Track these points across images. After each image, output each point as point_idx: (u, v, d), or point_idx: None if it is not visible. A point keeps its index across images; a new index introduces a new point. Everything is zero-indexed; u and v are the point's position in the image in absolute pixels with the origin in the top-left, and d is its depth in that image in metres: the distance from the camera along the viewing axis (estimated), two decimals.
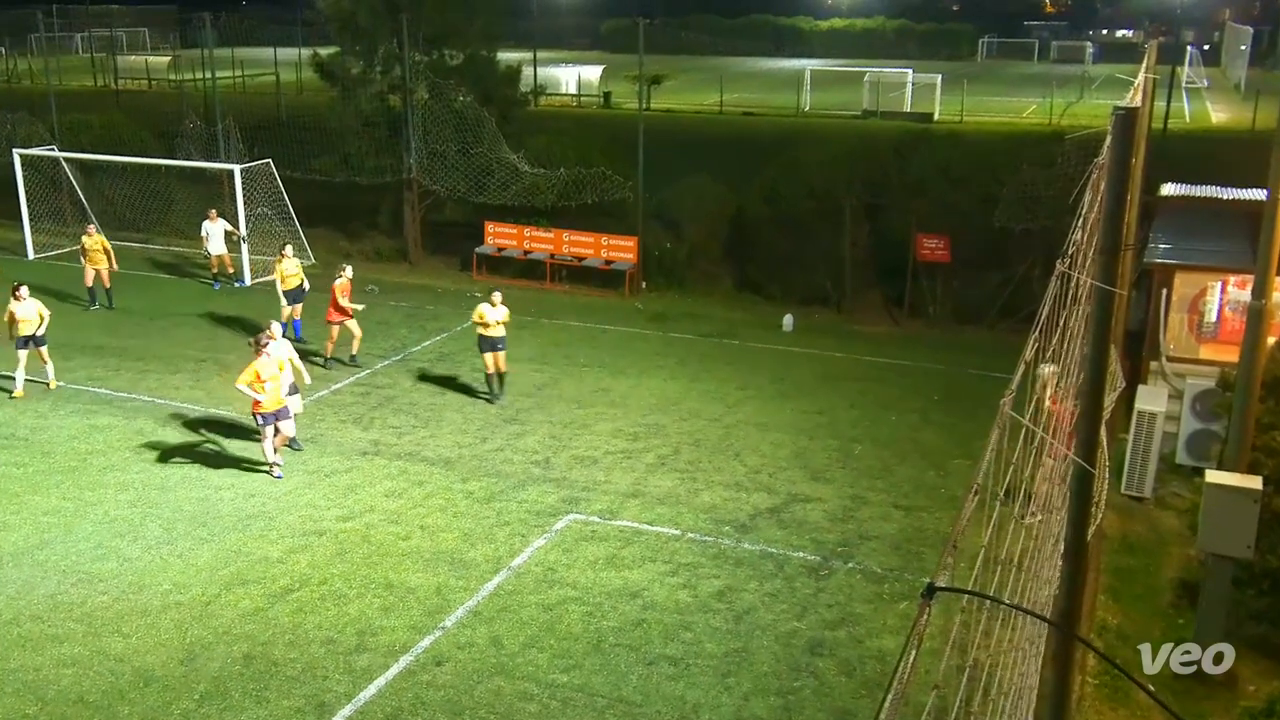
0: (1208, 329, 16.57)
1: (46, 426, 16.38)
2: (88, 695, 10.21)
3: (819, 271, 22.87)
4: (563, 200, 24.55)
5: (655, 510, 13.86)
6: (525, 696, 10.21)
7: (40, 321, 17.33)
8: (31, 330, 17.26)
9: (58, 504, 13.96)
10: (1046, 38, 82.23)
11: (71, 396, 17.53)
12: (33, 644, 10.98)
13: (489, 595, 11.88)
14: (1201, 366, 15.59)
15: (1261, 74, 53.55)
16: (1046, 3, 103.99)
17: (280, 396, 14.59)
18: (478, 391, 17.80)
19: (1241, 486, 10.04)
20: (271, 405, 14.42)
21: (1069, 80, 52.65)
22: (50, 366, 17.78)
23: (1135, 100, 8.65)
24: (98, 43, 64.99)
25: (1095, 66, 66.42)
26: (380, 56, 26.28)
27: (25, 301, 17.28)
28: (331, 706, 10.05)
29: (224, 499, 14.13)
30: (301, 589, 12.00)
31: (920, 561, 12.69)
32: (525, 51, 47.95)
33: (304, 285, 20.11)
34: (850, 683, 10.47)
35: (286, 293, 19.88)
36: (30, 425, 16.42)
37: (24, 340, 17.25)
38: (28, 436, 16.02)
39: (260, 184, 25.41)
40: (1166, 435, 14.42)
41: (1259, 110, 38.08)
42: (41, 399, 17.43)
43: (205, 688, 10.32)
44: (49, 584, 12.09)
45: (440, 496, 14.23)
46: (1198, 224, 16.74)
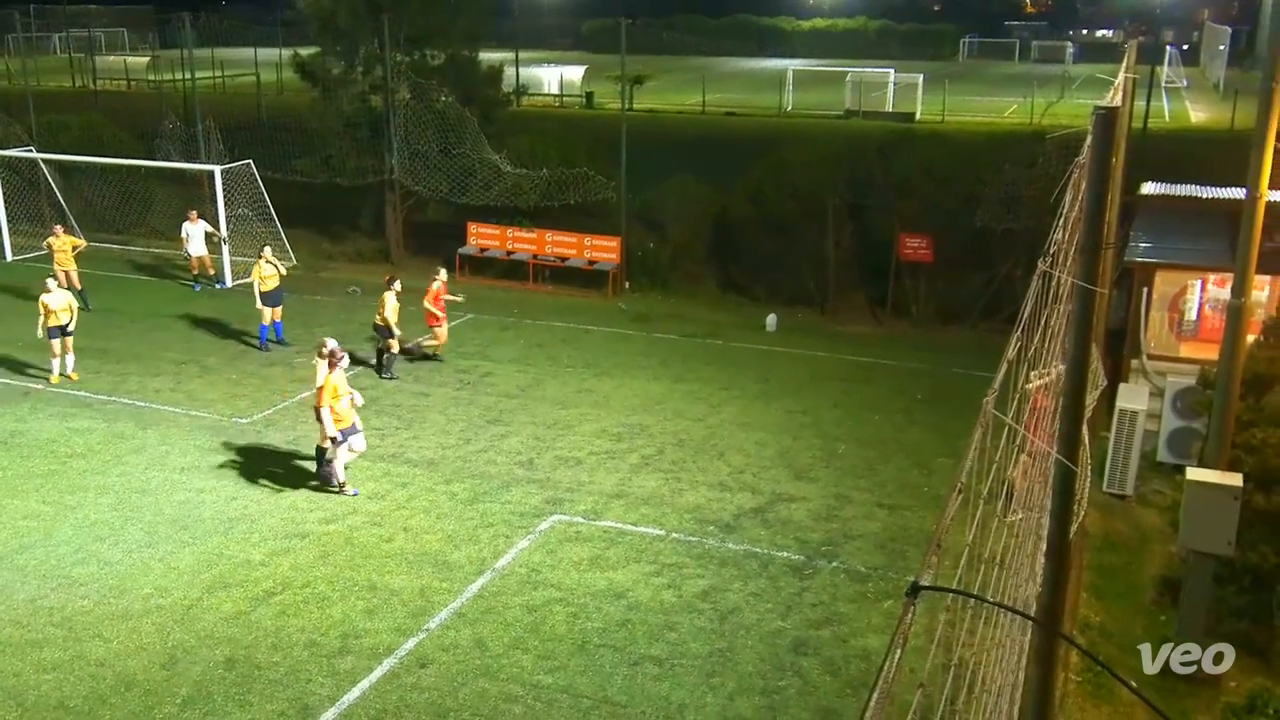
0: (1188, 327, 16.68)
1: (25, 430, 16.27)
2: (69, 700, 10.15)
3: (803, 272, 22.93)
4: (545, 201, 24.55)
5: (639, 510, 13.87)
6: (510, 698, 10.21)
7: (71, 313, 18.04)
8: (62, 321, 17.90)
9: (37, 508, 13.87)
10: (1027, 38, 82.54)
11: (51, 399, 17.43)
12: (13, 649, 10.92)
13: (473, 597, 11.87)
14: (1182, 364, 15.69)
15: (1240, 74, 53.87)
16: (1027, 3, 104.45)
17: (348, 411, 14.13)
18: (460, 391, 17.81)
19: (1222, 484, 10.12)
20: (346, 421, 14.05)
21: (1050, 80, 52.90)
22: (71, 358, 18.22)
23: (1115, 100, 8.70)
24: (75, 43, 64.53)
25: (1076, 66, 66.69)
26: (361, 57, 26.22)
27: (56, 293, 18.03)
28: (315, 709, 10.02)
29: (205, 502, 14.06)
30: (284, 592, 11.96)
31: (904, 560, 12.73)
32: (507, 51, 47.86)
33: (282, 287, 20.06)
34: (835, 682, 10.50)
35: (265, 294, 19.78)
36: (9, 429, 16.30)
37: (56, 330, 17.91)
38: (6, 440, 15.90)
39: (241, 185, 25.30)
40: (1148, 433, 14.51)
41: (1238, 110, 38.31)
42: (20, 402, 17.32)
43: (187, 692, 10.28)
44: (29, 588, 12.01)
45: (423, 498, 14.20)
46: (1178, 223, 16.85)
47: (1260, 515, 10.92)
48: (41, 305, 17.87)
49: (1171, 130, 39.64)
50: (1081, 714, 10.02)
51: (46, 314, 17.83)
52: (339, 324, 21.57)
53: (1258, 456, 11.45)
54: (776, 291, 23.14)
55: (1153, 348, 16.16)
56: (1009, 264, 20.76)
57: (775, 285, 23.20)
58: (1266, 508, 10.96)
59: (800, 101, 50.03)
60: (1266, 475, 11.18)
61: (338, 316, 22.14)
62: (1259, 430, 11.83)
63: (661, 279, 24.31)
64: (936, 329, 21.72)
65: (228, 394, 17.86)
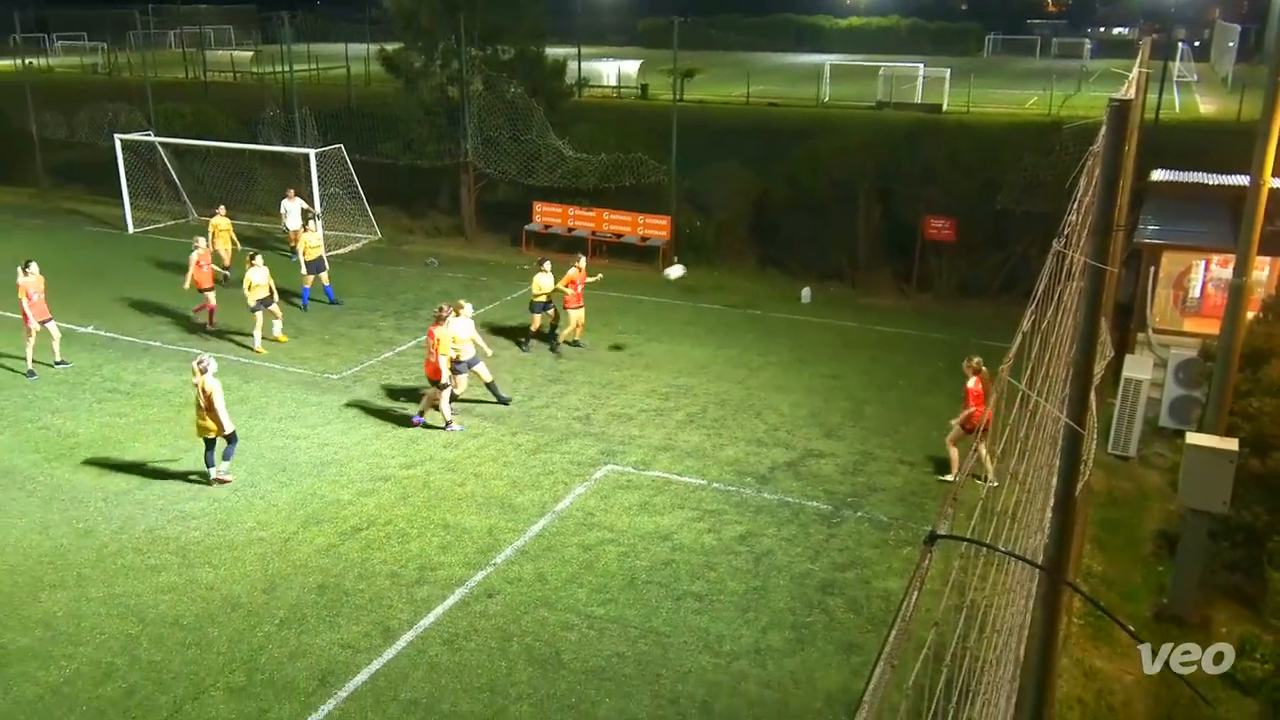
0: (1191, 304, 16.32)
1: (145, 382, 16.64)
2: (182, 618, 10.43)
3: (835, 249, 22.67)
4: (603, 182, 24.48)
5: (684, 462, 13.89)
6: (567, 626, 10.32)
7: (270, 288, 17.95)
8: (264, 294, 17.82)
9: (155, 450, 14.20)
10: (1048, 35, 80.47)
11: (168, 355, 17.78)
12: (134, 573, 11.23)
13: (534, 536, 11.98)
14: (1185, 338, 15.37)
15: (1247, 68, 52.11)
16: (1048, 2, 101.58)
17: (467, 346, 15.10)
18: (529, 352, 17.91)
19: (1219, 448, 9.92)
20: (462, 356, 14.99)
21: (1068, 74, 51.58)
22: (278, 323, 18.36)
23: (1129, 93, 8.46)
24: (188, 39, 65.20)
25: (1093, 62, 64.93)
26: (440, 51, 26.21)
27: (260, 269, 17.84)
28: (395, 632, 10.21)
29: (300, 447, 14.30)
30: (369, 528, 12.16)
31: (923, 511, 12.65)
32: (570, 47, 47.60)
33: (323, 256, 20.48)
34: (858, 619, 10.49)
35: (309, 263, 20.11)
36: (131, 380, 16.68)
37: (260, 303, 17.81)
38: (129, 390, 16.28)
39: (333, 166, 25.50)
40: (1151, 400, 14.25)
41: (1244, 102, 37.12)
42: (141, 357, 17.68)
43: (284, 613, 10.51)
44: (148, 520, 12.33)
45: (492, 448, 14.33)
46: (1184, 207, 16.44)
47: (1255, 478, 10.72)
48: (247, 281, 17.66)
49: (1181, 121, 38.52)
50: (1083, 654, 9.93)
51: (251, 289, 17.63)
52: (418, 291, 21.78)
53: (1254, 424, 11.22)
54: (811, 267, 22.91)
55: (1158, 322, 15.84)
56: (1025, 244, 20.39)
57: (810, 261, 22.98)
58: (1261, 471, 10.75)
59: (836, 93, 49.27)
60: (1262, 441, 10.96)
61: (416, 285, 22.31)
62: (1255, 399, 11.58)
63: (707, 254, 24.16)
64: (957, 303, 21.41)
65: (320, 353, 18.10)
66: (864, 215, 22.37)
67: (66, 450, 14.15)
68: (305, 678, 9.50)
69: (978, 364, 13.14)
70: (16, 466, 13.69)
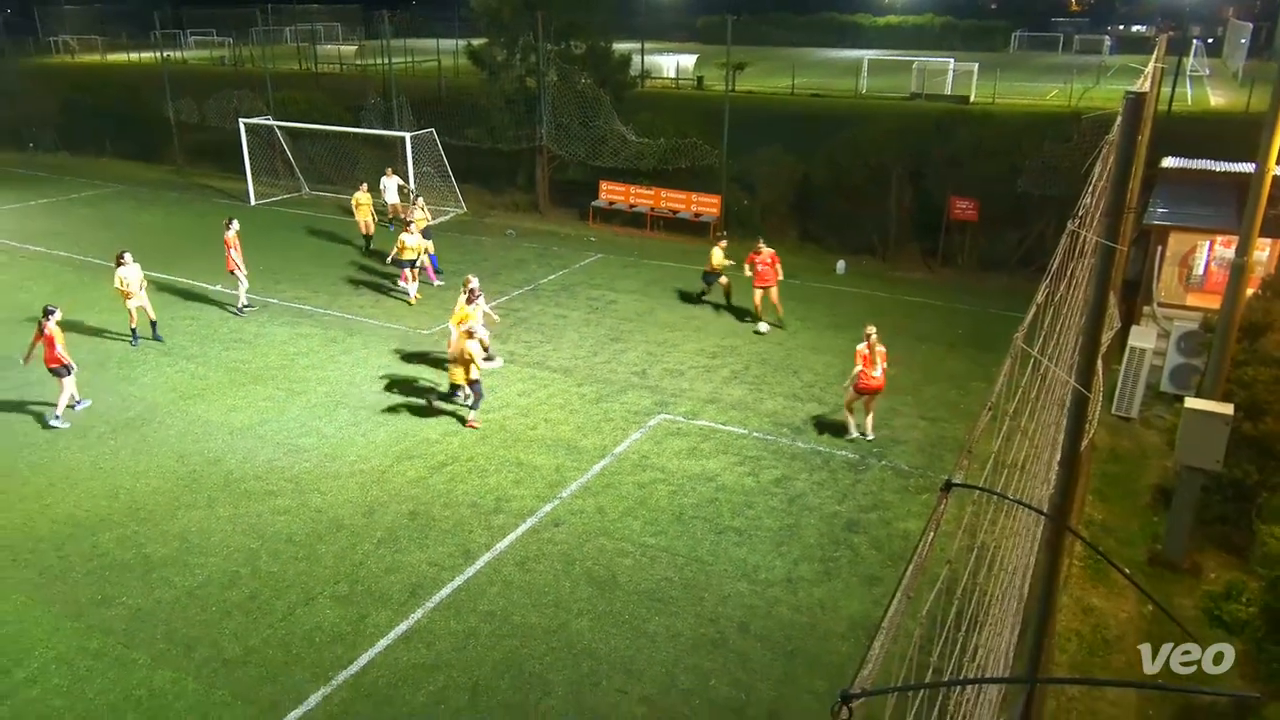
0: (1195, 280, 15.77)
1: (264, 333, 17.02)
2: (295, 536, 10.74)
3: (868, 226, 22.27)
4: (662, 164, 24.30)
5: (728, 413, 13.87)
6: (622, 553, 10.43)
7: (416, 252, 18.35)
8: (412, 256, 18.30)
9: (273, 392, 14.55)
10: (1070, 32, 77.45)
11: (283, 311, 18.16)
12: (255, 497, 11.57)
13: (596, 475, 12.09)
14: (1188, 312, 14.89)
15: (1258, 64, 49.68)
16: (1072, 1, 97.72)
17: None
18: (591, 315, 17.95)
19: (1215, 412, 9.64)
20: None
21: (1088, 69, 49.69)
22: (414, 285, 18.58)
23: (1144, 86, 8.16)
24: (301, 34, 65.75)
25: (1112, 57, 62.41)
26: (519, 46, 26.08)
27: (414, 235, 18.33)
28: (475, 553, 10.41)
29: (396, 393, 14.55)
30: (453, 464, 12.36)
31: (940, 462, 12.51)
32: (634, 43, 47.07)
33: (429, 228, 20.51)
34: (879, 555, 10.45)
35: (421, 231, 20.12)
36: (253, 332, 17.08)
37: (408, 263, 18.31)
38: (251, 340, 16.67)
39: (425, 148, 25.67)
40: (1154, 367, 13.86)
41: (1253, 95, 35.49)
42: (260, 312, 18.09)
43: (381, 534, 10.76)
44: (266, 452, 12.68)
45: (560, 397, 14.44)
46: (1192, 192, 15.84)
47: (1248, 439, 10.40)
48: (399, 243, 18.24)
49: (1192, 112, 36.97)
50: (1082, 593, 9.79)
51: (402, 249, 18.18)
52: (498, 258, 21.90)
53: (1249, 391, 10.86)
54: (846, 242, 22.55)
55: (1163, 297, 15.35)
56: (1042, 224, 19.84)
57: (845, 237, 22.61)
58: (1254, 433, 10.42)
59: (873, 85, 48.05)
60: (1255, 406, 10.61)
61: (496, 254, 22.43)
62: (1251, 368, 11.20)
63: (752, 229, 23.88)
64: (978, 276, 20.94)
65: (413, 311, 18.33)
66: (895, 196, 21.91)
67: (199, 391, 14.57)
68: (399, 589, 9.75)
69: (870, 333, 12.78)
70: (159, 403, 14.14)
